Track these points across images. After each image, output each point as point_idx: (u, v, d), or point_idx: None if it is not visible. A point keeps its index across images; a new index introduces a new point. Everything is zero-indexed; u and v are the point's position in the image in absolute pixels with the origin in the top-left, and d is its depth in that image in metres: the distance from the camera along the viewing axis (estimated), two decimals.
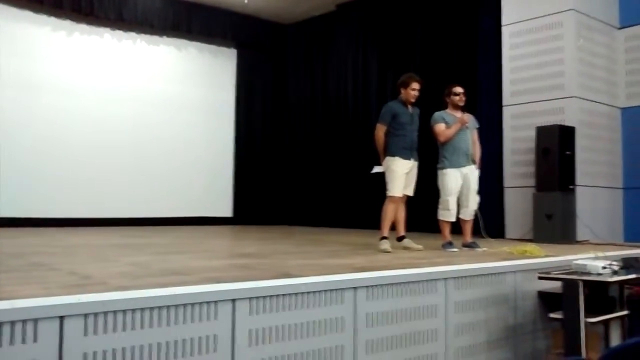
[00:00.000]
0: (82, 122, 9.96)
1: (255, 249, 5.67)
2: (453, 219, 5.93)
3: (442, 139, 5.93)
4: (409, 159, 5.75)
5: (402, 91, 5.82)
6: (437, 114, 6.04)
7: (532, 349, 4.49)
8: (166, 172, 10.80)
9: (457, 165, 5.88)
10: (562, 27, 7.65)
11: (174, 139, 10.98)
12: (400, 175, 5.68)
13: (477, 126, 6.24)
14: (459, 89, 6.04)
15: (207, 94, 11.54)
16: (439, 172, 5.96)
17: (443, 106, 6.11)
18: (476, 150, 6.10)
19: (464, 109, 6.06)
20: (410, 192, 5.83)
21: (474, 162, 5.99)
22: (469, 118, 6.02)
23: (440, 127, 5.93)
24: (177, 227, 9.87)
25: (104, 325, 2.39)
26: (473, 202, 5.97)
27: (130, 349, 2.46)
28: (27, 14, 9.60)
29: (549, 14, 7.76)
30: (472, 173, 5.95)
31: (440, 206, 5.94)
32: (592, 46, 7.85)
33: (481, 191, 6.07)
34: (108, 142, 10.18)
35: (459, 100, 6.01)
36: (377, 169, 5.91)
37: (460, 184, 5.89)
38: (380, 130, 5.80)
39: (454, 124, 5.90)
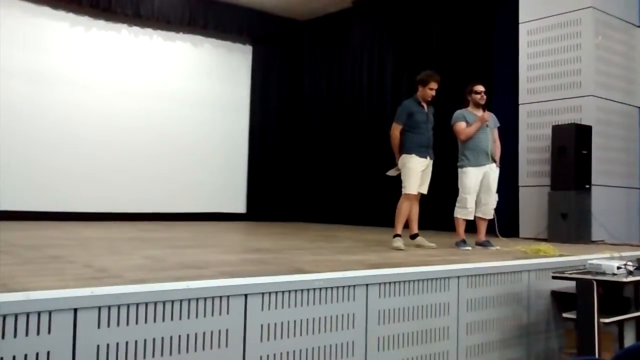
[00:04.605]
0: (98, 117, 10.04)
1: (269, 245, 5.69)
2: (471, 217, 5.90)
3: (462, 137, 5.90)
4: (425, 157, 5.73)
5: (420, 89, 5.79)
6: (458, 112, 6.01)
7: (545, 348, 4.47)
8: (180, 167, 10.86)
9: (478, 164, 5.85)
10: (580, 25, 7.57)
11: (188, 134, 11.03)
12: (417, 172, 5.67)
13: (498, 125, 6.19)
14: (480, 87, 6.00)
15: (222, 90, 11.58)
16: (459, 171, 5.92)
17: (464, 104, 6.08)
18: (496, 149, 6.05)
19: (484, 108, 6.03)
20: (424, 190, 5.82)
21: (494, 160, 5.96)
22: (489, 116, 5.98)
23: (460, 126, 5.91)
24: (190, 222, 9.92)
25: (117, 318, 2.42)
26: (493, 200, 5.94)
27: (142, 342, 2.48)
28: (45, 10, 9.69)
29: (567, 12, 7.68)
30: (492, 172, 5.91)
31: (458, 204, 5.90)
32: (610, 44, 7.76)
33: (496, 190, 6.04)
34: (124, 137, 10.26)
35: (480, 98, 5.97)
36: (391, 172, 5.90)
37: (479, 183, 5.87)
38: (396, 130, 5.78)
39: (475, 122, 5.88)
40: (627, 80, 8.00)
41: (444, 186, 7.01)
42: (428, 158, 5.76)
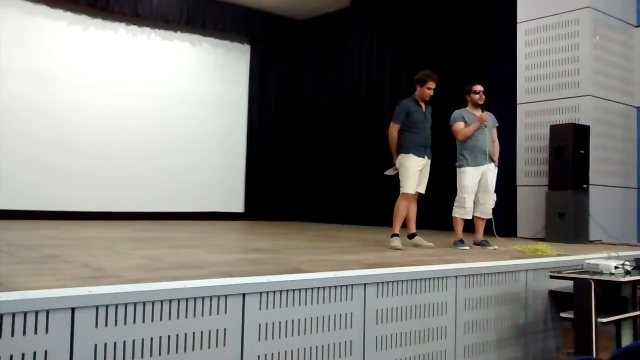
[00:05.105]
0: (96, 117, 10.01)
1: (267, 244, 5.69)
2: (469, 217, 5.91)
3: (460, 137, 5.91)
4: (422, 156, 5.73)
5: (418, 88, 5.79)
6: (456, 112, 6.01)
7: (543, 348, 4.47)
8: (178, 167, 10.85)
9: (476, 164, 5.85)
10: (578, 25, 7.57)
11: (186, 133, 11.02)
12: (414, 172, 5.67)
13: (497, 125, 6.20)
14: (478, 87, 6.00)
15: (220, 90, 11.57)
16: (458, 170, 5.93)
17: (463, 104, 6.08)
18: (495, 149, 6.05)
19: (482, 107, 6.03)
20: (422, 189, 5.82)
21: (492, 160, 5.96)
22: (488, 116, 5.98)
23: (459, 126, 5.91)
24: (189, 221, 9.90)
25: (115, 317, 2.42)
26: (491, 200, 5.95)
27: (140, 341, 2.48)
28: (43, 9, 9.67)
29: (565, 11, 7.68)
30: (491, 171, 5.92)
31: (456, 204, 5.91)
32: (608, 44, 7.77)
33: (494, 189, 6.04)
34: (121, 137, 10.24)
35: (479, 98, 5.98)
36: (389, 172, 5.92)
37: (477, 183, 5.87)
38: (394, 129, 5.79)
39: (473, 122, 5.88)
40: (625, 80, 8.01)
41: (442, 186, 7.01)
42: (426, 157, 5.76)
